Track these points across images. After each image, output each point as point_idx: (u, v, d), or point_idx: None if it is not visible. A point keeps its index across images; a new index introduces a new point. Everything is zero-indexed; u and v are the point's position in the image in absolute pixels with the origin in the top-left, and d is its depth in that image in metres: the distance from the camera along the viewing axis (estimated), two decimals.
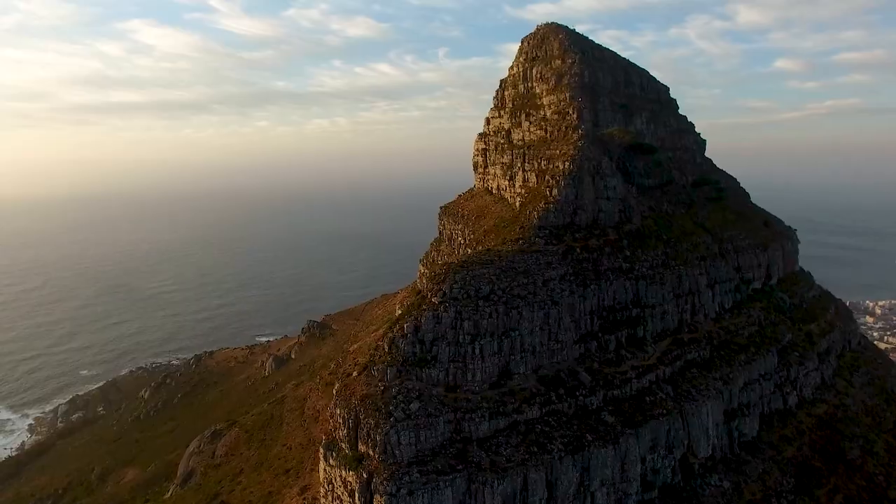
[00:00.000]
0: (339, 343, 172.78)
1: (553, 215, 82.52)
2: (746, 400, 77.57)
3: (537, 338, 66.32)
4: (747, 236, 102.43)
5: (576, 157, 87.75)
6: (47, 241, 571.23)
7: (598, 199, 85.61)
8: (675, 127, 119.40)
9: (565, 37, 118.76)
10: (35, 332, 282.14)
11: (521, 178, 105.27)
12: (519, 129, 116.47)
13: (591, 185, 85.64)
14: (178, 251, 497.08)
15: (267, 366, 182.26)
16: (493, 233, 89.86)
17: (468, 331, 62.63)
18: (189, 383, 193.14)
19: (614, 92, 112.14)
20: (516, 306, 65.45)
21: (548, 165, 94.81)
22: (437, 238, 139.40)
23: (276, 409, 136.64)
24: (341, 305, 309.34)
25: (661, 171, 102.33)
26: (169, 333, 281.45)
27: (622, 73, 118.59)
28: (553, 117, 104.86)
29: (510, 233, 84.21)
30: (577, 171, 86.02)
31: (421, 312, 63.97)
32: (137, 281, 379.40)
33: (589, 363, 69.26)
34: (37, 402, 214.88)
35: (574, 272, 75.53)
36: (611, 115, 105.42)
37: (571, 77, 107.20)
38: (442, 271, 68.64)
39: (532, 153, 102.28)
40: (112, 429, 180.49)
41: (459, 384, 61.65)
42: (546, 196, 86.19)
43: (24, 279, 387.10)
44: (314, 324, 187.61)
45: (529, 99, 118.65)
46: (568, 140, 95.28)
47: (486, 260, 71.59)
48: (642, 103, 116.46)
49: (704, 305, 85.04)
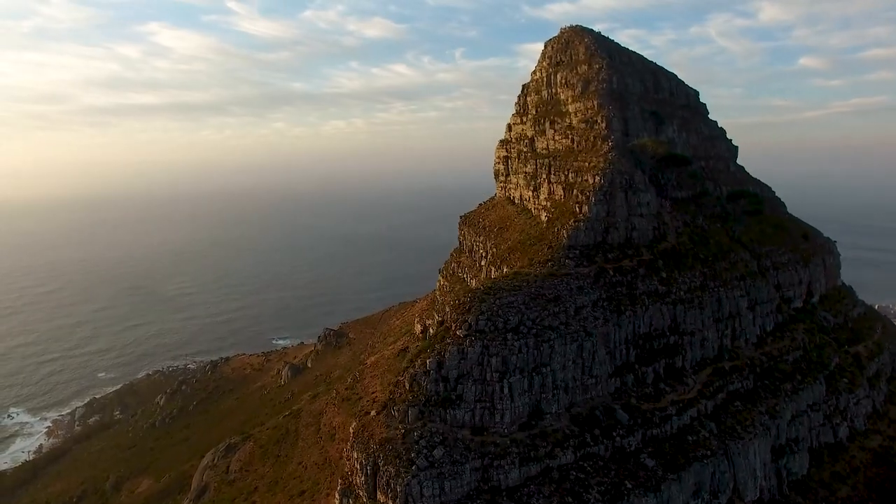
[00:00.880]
0: (355, 353, 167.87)
1: (583, 234, 76.42)
2: (795, 434, 71.12)
3: (570, 373, 60.35)
4: (786, 251, 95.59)
5: (606, 170, 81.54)
6: (67, 242, 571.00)
7: (631, 215, 79.38)
8: (706, 134, 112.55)
9: (591, 40, 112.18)
10: (55, 335, 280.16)
11: (546, 190, 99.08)
12: (543, 138, 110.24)
13: (624, 200, 79.41)
14: (196, 252, 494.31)
15: (283, 374, 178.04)
16: (519, 251, 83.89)
17: (496, 367, 56.78)
18: (205, 390, 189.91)
19: (643, 98, 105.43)
20: (547, 339, 59.48)
21: (576, 178, 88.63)
22: (457, 248, 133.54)
23: (292, 423, 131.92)
24: (360, 308, 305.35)
25: (694, 182, 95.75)
26: (187, 336, 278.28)
27: (651, 78, 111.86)
28: (580, 126, 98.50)
29: (537, 252, 78.24)
30: (608, 185, 79.85)
31: (444, 346, 58.23)
32: (156, 283, 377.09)
33: (626, 399, 63.21)
34: (56, 405, 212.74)
35: (607, 297, 69.45)
36: (641, 124, 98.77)
37: (599, 83, 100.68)
38: (467, 299, 62.80)
39: (558, 164, 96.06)
40: (127, 435, 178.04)
41: (487, 426, 55.89)
42: (575, 213, 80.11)
43: (44, 281, 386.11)
44: (330, 332, 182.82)
45: (554, 105, 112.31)
46: (597, 151, 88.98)
47: (514, 286, 65.68)
48: (672, 109, 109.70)
49: (745, 329, 78.54)
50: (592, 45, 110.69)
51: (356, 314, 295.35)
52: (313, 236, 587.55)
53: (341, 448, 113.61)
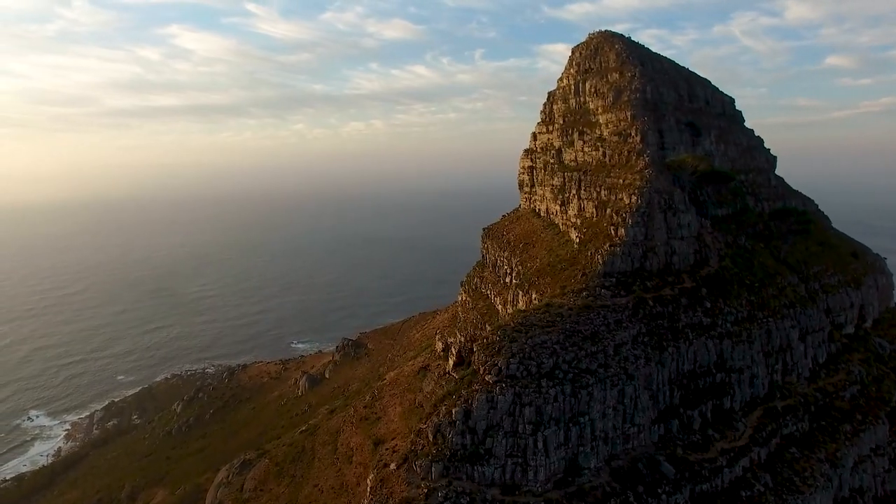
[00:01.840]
0: (374, 365, 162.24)
1: (620, 260, 69.54)
2: (858, 483, 63.87)
3: (610, 421, 53.63)
4: (835, 272, 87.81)
5: (644, 189, 74.52)
6: (88, 244, 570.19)
7: (671, 238, 72.33)
8: (744, 144, 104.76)
9: (622, 47, 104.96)
10: (77, 337, 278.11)
11: (575, 206, 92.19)
12: (571, 149, 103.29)
13: (663, 222, 72.38)
14: (217, 254, 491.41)
15: (300, 385, 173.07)
16: (549, 274, 77.16)
17: (529, 418, 50.23)
18: (221, 399, 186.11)
19: (678, 108, 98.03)
20: (585, 385, 52.82)
21: (609, 196, 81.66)
22: (479, 262, 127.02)
23: (308, 440, 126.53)
24: (380, 312, 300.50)
25: (735, 198, 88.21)
26: (207, 340, 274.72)
27: (685, 86, 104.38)
28: (612, 138, 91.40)
29: (570, 279, 71.49)
30: (645, 206, 72.84)
31: (472, 393, 51.76)
32: (178, 285, 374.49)
33: (671, 448, 56.32)
34: (76, 408, 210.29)
35: (648, 331, 62.55)
36: (677, 136, 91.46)
37: (632, 93, 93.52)
38: (496, 338, 56.28)
39: (589, 179, 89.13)
40: (144, 442, 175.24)
41: (518, 484, 49.39)
42: (610, 235, 73.19)
43: (66, 283, 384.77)
44: (349, 342, 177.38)
45: (582, 115, 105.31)
46: (632, 167, 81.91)
47: (547, 321, 59.05)
48: (709, 119, 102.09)
49: (797, 363, 71.16)
50: (623, 51, 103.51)
51: (376, 318, 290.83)
52: (333, 238, 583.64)
53: (358, 472, 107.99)
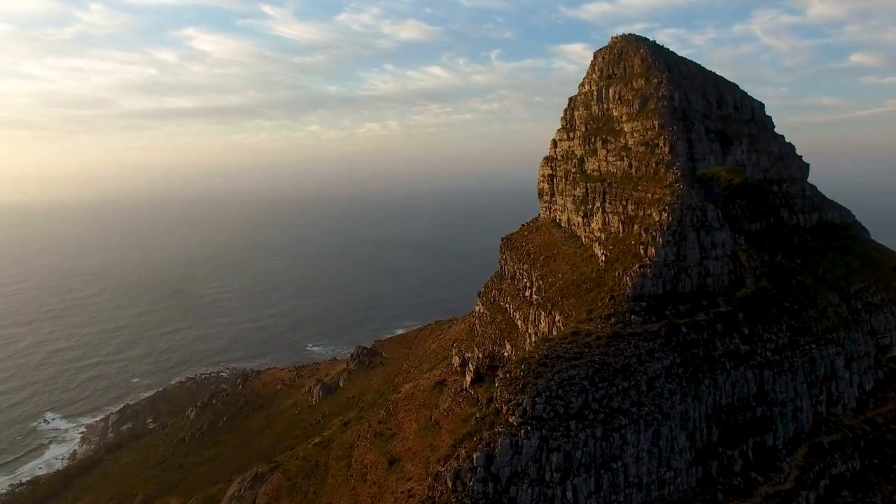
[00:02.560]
0: (389, 375, 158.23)
1: (650, 282, 64.40)
2: None
3: (645, 466, 48.67)
4: (878, 289, 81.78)
5: (675, 205, 69.26)
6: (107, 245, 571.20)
7: (704, 258, 67.04)
8: (776, 153, 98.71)
9: (647, 51, 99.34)
10: (95, 339, 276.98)
11: (599, 219, 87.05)
12: (594, 158, 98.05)
13: (696, 241, 67.11)
14: (233, 256, 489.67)
15: (314, 393, 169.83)
16: (574, 295, 72.17)
17: (557, 465, 45.41)
18: (235, 405, 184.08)
19: (707, 116, 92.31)
20: (618, 426, 47.91)
21: (637, 211, 76.47)
22: (497, 273, 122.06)
23: (322, 454, 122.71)
24: (396, 315, 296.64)
25: (768, 211, 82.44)
26: (224, 343, 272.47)
27: (714, 92, 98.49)
28: (638, 149, 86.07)
29: (596, 301, 66.49)
30: (676, 224, 67.60)
31: (494, 436, 47.02)
32: (195, 287, 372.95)
33: (710, 493, 51.22)
34: (92, 410, 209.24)
35: (682, 361, 57.41)
36: (706, 146, 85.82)
37: (659, 100, 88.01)
38: (520, 373, 51.43)
39: (614, 192, 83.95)
40: (157, 449, 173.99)
41: None
42: (639, 255, 68.03)
43: (84, 285, 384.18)
44: (364, 350, 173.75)
45: (606, 123, 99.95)
46: (661, 181, 76.60)
47: (574, 352, 54.15)
48: (738, 126, 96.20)
49: (843, 393, 65.56)
50: (649, 56, 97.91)
51: (392, 322, 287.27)
52: (349, 240, 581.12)
53: (372, 491, 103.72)
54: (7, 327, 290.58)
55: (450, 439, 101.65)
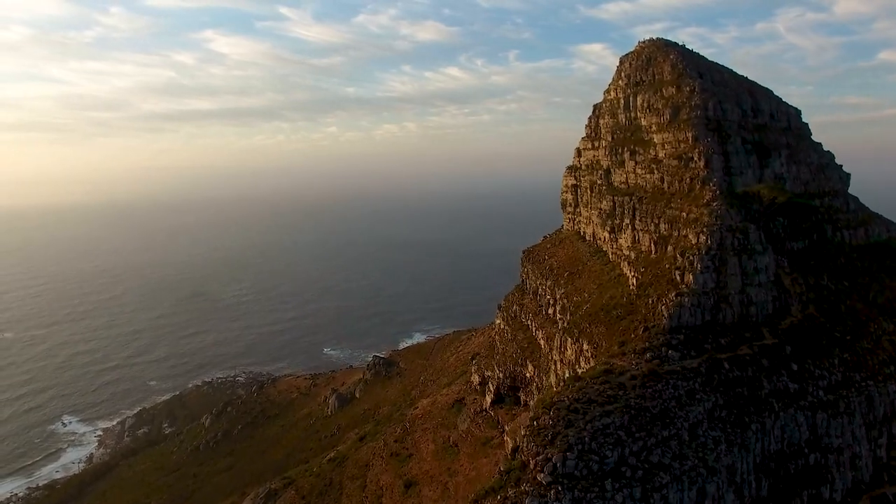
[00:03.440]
0: (405, 387, 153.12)
1: (688, 312, 58.48)
2: None
3: None
4: None
5: (713, 226, 63.15)
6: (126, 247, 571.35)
7: (746, 285, 60.96)
8: (816, 163, 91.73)
9: (677, 57, 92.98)
10: (115, 342, 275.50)
11: (629, 236, 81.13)
12: (621, 170, 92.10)
13: (737, 266, 61.05)
14: (253, 258, 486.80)
15: (330, 403, 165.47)
16: (603, 322, 66.40)
17: None
18: (250, 413, 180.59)
19: (743, 126, 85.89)
20: (658, 485, 42.20)
21: (670, 231, 70.46)
22: (518, 286, 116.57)
23: (337, 472, 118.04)
24: (417, 319, 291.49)
25: (811, 228, 75.95)
26: (242, 347, 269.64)
27: (748, 100, 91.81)
28: (670, 162, 79.95)
29: (628, 332, 60.69)
30: (716, 248, 61.52)
31: (520, 495, 41.56)
32: (215, 290, 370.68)
33: None
34: (110, 414, 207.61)
35: (725, 403, 51.50)
36: (744, 159, 79.52)
37: (692, 110, 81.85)
38: (548, 421, 45.88)
39: (645, 208, 77.97)
40: (172, 457, 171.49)
41: None
42: (675, 280, 62.06)
43: (104, 287, 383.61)
44: (380, 360, 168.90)
45: (633, 132, 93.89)
46: (696, 199, 70.49)
47: (608, 395, 48.47)
48: (775, 136, 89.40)
49: None
50: (679, 62, 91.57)
51: (412, 326, 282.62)
52: (367, 241, 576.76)
53: None
54: (29, 329, 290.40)
55: (469, 463, 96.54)
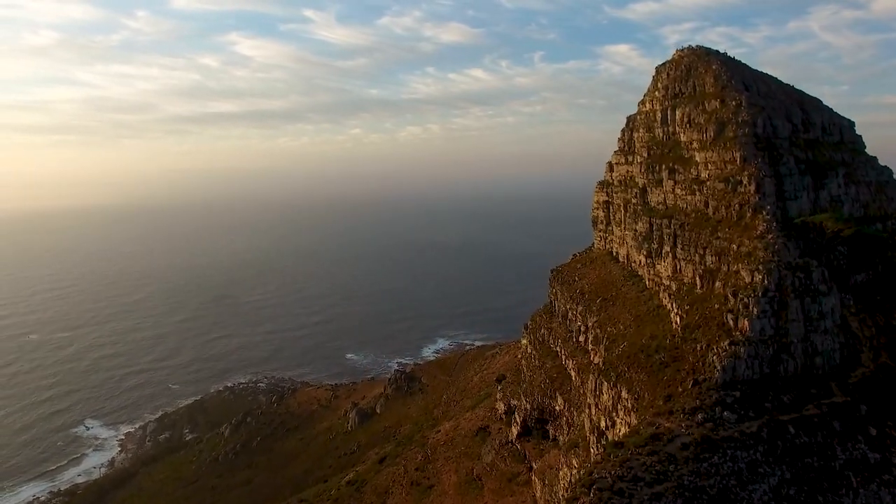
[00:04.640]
0: (427, 405, 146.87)
1: (745, 364, 50.90)
2: None
3: None
4: None
5: (770, 263, 55.31)
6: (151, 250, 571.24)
7: (810, 332, 53.06)
8: (875, 181, 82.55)
9: (720, 67, 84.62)
10: (139, 346, 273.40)
11: (669, 265, 73.51)
12: (659, 190, 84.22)
13: (800, 310, 53.14)
14: (278, 262, 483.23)
15: (350, 418, 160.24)
16: (644, 368, 59.00)
17: None
18: (269, 425, 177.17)
19: (794, 142, 77.43)
20: None
21: (718, 265, 62.70)
22: (546, 306, 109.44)
23: (355, 498, 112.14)
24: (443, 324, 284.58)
25: (877, 258, 67.57)
26: (266, 352, 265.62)
27: (799, 113, 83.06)
28: (716, 185, 71.97)
29: (675, 383, 53.30)
30: (774, 289, 53.76)
31: None
32: (240, 293, 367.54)
33: None
34: (132, 419, 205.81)
35: (793, 477, 43.97)
36: (798, 181, 71.28)
37: (739, 127, 73.68)
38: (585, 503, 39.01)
39: (688, 235, 70.30)
40: (191, 467, 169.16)
41: None
42: (727, 325, 54.45)
43: (130, 290, 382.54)
44: (402, 375, 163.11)
45: (672, 149, 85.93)
46: (748, 229, 62.58)
47: (656, 470, 41.30)
48: (829, 153, 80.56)
49: None
50: (723, 73, 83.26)
51: (436, 331, 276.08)
52: (392, 244, 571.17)
53: None
54: (55, 332, 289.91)
55: (493, 501, 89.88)
